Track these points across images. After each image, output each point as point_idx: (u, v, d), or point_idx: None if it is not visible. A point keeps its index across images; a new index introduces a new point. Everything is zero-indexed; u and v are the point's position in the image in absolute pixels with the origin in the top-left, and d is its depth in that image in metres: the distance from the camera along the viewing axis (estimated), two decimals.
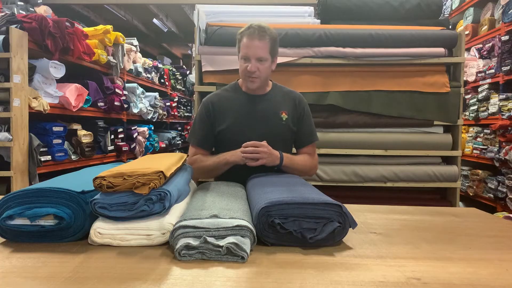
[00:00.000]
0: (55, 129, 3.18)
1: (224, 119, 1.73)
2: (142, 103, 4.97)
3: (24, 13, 3.77)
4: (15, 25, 2.81)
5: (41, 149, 3.02)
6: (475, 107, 4.19)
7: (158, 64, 5.85)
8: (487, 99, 4.01)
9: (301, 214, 1.04)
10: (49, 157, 3.12)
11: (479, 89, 4.16)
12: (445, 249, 1.07)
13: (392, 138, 2.64)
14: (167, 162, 1.22)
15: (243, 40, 1.68)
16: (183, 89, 7.39)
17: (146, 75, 5.27)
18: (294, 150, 1.94)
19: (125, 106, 4.27)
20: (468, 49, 4.46)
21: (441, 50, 2.63)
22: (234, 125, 1.73)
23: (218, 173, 1.76)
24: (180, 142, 6.76)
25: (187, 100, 7.54)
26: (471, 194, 4.20)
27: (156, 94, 5.48)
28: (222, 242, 0.93)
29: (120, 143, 4.27)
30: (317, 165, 1.88)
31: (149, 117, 5.21)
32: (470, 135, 4.34)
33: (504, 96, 3.61)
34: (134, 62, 4.83)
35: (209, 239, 0.93)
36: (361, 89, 2.63)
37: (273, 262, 0.94)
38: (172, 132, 6.45)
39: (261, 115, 1.74)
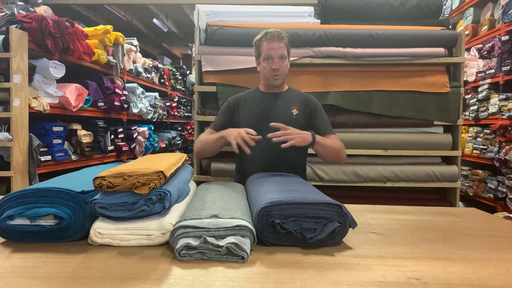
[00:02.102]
0: (55, 129, 3.18)
1: (242, 111, 1.95)
2: (142, 103, 4.97)
3: (24, 13, 3.77)
4: (15, 25, 2.81)
5: (41, 149, 3.02)
6: (475, 107, 4.19)
7: (158, 64, 5.84)
8: (487, 99, 4.01)
9: (301, 214, 1.05)
10: (49, 157, 3.12)
11: (479, 89, 4.16)
12: (445, 249, 1.07)
13: (392, 138, 2.64)
14: (167, 162, 1.22)
15: (263, 44, 1.88)
16: (183, 89, 7.39)
17: (146, 75, 5.27)
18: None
19: (125, 106, 4.27)
20: (468, 49, 4.45)
21: (441, 50, 2.63)
22: (250, 116, 1.92)
23: (213, 148, 1.86)
24: (180, 142, 6.75)
25: (187, 100, 7.54)
26: (471, 194, 4.20)
27: (156, 94, 5.47)
28: (222, 242, 0.93)
29: (120, 143, 4.27)
30: (344, 150, 1.93)
31: (149, 117, 5.21)
32: (470, 135, 4.34)
33: (504, 96, 3.61)
34: (134, 62, 4.83)
35: (209, 239, 0.93)
36: (361, 89, 2.63)
37: (273, 262, 0.94)
38: (172, 132, 6.45)
39: (275, 109, 1.92)
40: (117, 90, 4.08)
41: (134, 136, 4.68)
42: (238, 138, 1.63)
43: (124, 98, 4.25)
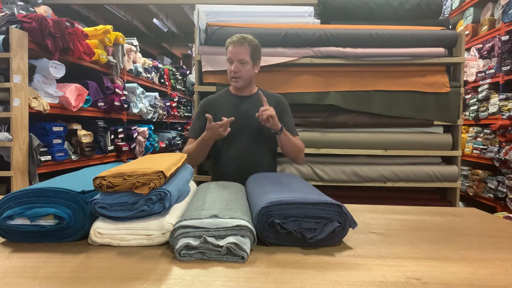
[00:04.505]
0: (55, 129, 3.18)
1: (215, 115, 1.96)
2: (142, 103, 4.97)
3: (24, 13, 3.77)
4: (15, 25, 2.81)
5: (41, 149, 3.02)
6: (475, 107, 4.19)
7: (158, 64, 5.84)
8: (487, 99, 4.01)
9: (301, 214, 1.05)
10: (49, 157, 3.12)
11: (479, 89, 4.16)
12: (445, 249, 1.07)
13: (392, 138, 2.64)
14: (167, 162, 1.22)
15: (229, 47, 2.00)
16: (183, 89, 7.39)
17: (146, 75, 5.27)
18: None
19: (125, 106, 4.27)
20: (468, 49, 4.46)
21: (441, 50, 2.63)
22: (222, 117, 1.94)
23: (202, 154, 1.98)
24: (180, 142, 6.75)
25: (187, 100, 7.54)
26: (471, 194, 4.20)
27: (156, 94, 5.47)
28: (222, 242, 0.93)
29: (120, 143, 4.27)
30: (303, 152, 2.08)
31: (149, 117, 5.21)
32: (470, 135, 4.34)
33: (504, 96, 3.61)
34: (134, 62, 4.83)
35: (209, 239, 0.93)
36: (361, 89, 2.63)
37: (273, 262, 0.94)
38: (172, 132, 6.45)
39: (245, 111, 2.01)
40: (117, 90, 4.08)
41: (134, 136, 4.68)
42: (222, 133, 1.82)
43: (124, 98, 4.25)
